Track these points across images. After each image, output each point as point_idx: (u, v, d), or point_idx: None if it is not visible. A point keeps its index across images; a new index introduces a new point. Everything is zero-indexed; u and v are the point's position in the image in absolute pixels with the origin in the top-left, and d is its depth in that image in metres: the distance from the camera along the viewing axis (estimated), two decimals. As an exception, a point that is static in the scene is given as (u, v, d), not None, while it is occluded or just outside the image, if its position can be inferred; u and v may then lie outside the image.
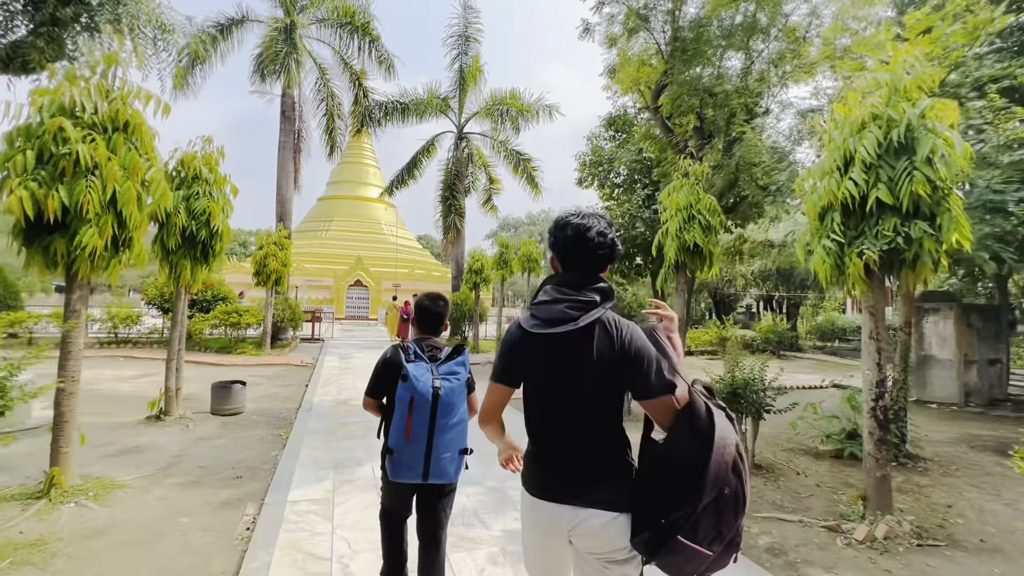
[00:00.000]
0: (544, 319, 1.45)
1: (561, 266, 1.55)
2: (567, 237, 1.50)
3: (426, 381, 2.17)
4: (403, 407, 2.16)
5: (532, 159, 18.35)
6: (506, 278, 12.88)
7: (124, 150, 4.04)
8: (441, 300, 2.52)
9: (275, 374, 10.39)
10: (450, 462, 2.26)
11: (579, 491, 1.45)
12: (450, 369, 2.27)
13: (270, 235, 13.12)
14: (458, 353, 2.35)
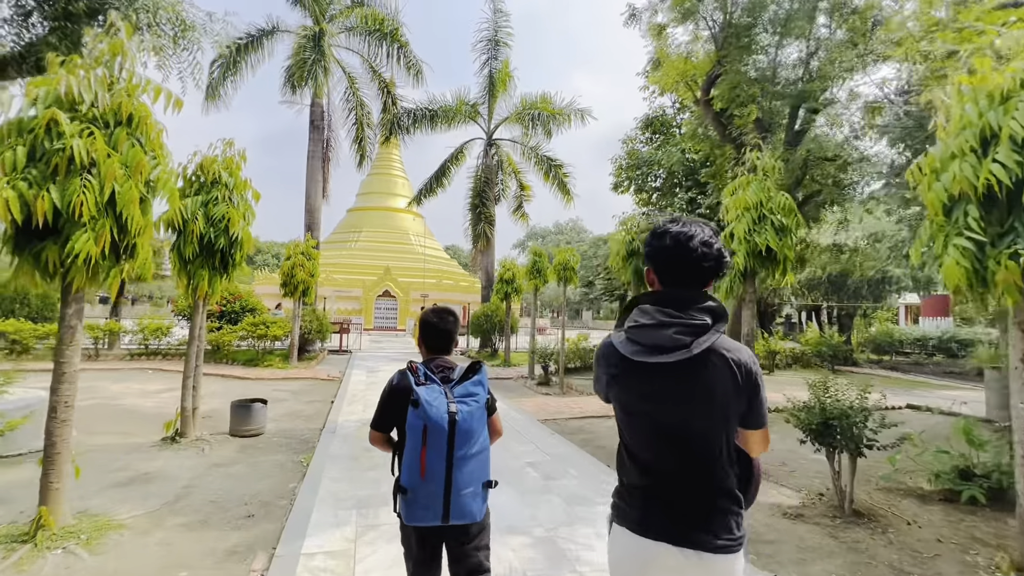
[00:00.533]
0: (647, 345, 1.31)
1: (659, 281, 1.42)
2: (665, 248, 1.38)
3: (440, 406, 1.88)
4: (415, 438, 1.87)
5: (563, 165, 17.74)
6: (539, 288, 12.22)
7: (126, 146, 3.60)
8: (450, 315, 2.21)
9: (300, 389, 9.98)
10: (473, 498, 1.94)
11: (694, 531, 1.33)
12: (466, 390, 1.97)
13: (297, 245, 12.85)
14: (474, 371, 2.05)
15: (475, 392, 1.98)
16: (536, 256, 12.20)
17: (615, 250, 7.63)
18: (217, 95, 14.45)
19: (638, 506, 1.38)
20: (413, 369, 2.01)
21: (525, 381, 11.78)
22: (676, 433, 1.34)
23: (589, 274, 31.80)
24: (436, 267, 38.69)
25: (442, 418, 1.86)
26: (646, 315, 1.34)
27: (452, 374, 2.06)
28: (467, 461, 1.91)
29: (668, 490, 1.35)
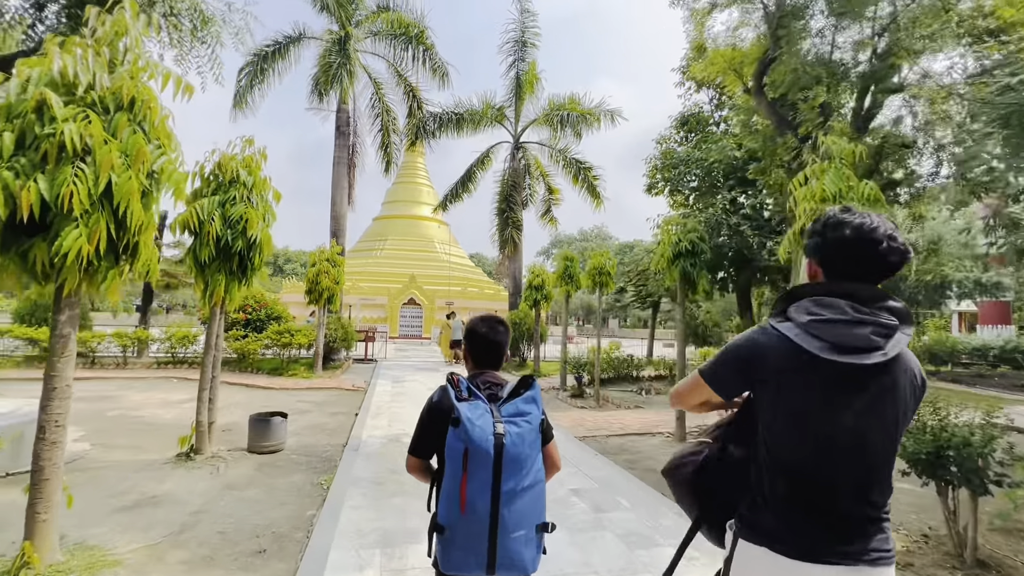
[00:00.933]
0: (837, 343, 1.16)
1: (828, 275, 1.29)
2: (843, 240, 1.25)
3: (484, 426, 1.57)
4: (455, 463, 1.56)
5: (593, 167, 17.15)
6: (571, 294, 11.62)
7: (127, 132, 3.20)
8: (500, 325, 1.91)
9: (324, 400, 9.59)
10: (524, 544, 1.58)
11: (855, 547, 1.20)
12: (516, 409, 1.65)
13: (322, 252, 12.58)
14: (526, 387, 1.74)
15: (527, 411, 1.64)
16: (567, 261, 11.61)
17: (660, 252, 7.00)
18: (245, 103, 14.44)
19: (789, 523, 1.25)
20: (455, 383, 1.69)
21: (557, 393, 11.15)
22: (854, 442, 1.22)
23: (617, 280, 30.92)
24: (461, 275, 38.43)
25: (487, 440, 1.53)
26: (833, 309, 1.20)
27: (500, 391, 1.75)
28: (517, 496, 1.56)
29: (831, 504, 1.23)
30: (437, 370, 14.72)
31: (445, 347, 17.29)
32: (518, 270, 16.87)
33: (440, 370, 14.73)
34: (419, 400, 9.58)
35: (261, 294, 14.16)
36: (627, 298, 17.70)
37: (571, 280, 11.48)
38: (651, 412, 9.06)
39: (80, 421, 7.14)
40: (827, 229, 1.29)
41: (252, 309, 13.63)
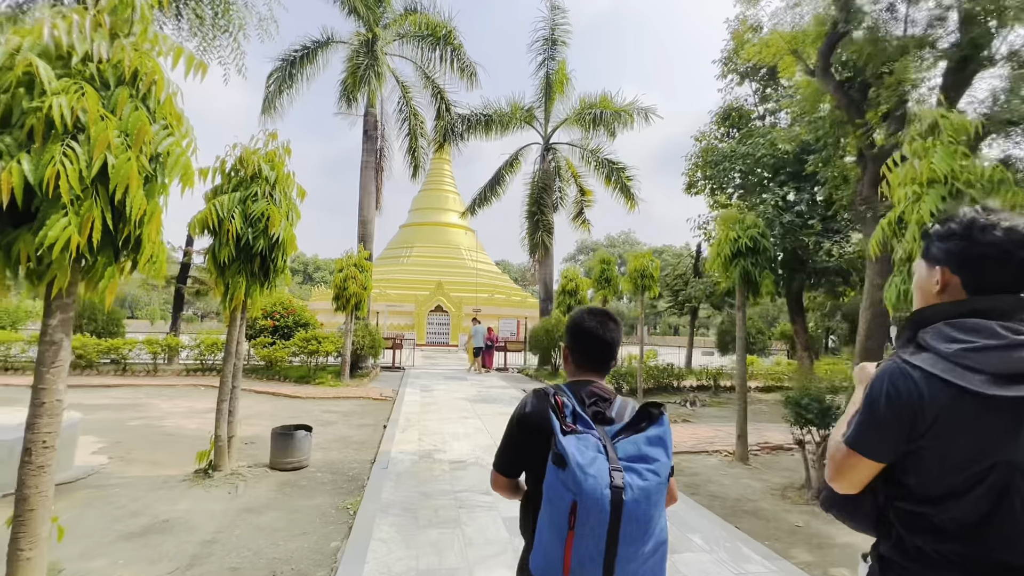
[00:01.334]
0: (1000, 374, 0.98)
1: (970, 286, 1.11)
2: (996, 245, 1.07)
3: (599, 474, 1.15)
4: (558, 516, 1.18)
5: (627, 167, 16.49)
6: (608, 299, 10.96)
7: (128, 109, 2.79)
8: (612, 321, 1.51)
9: (351, 410, 9.18)
10: None
11: None
12: (639, 451, 1.22)
13: (350, 257, 12.28)
14: (650, 419, 1.29)
15: (653, 456, 1.24)
16: (604, 264, 10.98)
17: (716, 251, 6.32)
18: (273, 108, 14.37)
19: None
20: (558, 406, 1.30)
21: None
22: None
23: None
24: (488, 281, 38.08)
25: (602, 495, 1.16)
26: (981, 332, 1.02)
27: (609, 409, 1.39)
28: (636, 563, 1.20)
29: (1005, 555, 1.04)
30: (465, 379, 14.23)
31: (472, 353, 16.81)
32: (549, 275, 16.29)
33: (468, 379, 14.24)
34: (450, 411, 9.13)
35: (289, 300, 13.98)
36: (662, 304, 16.88)
37: (608, 284, 10.85)
38: (702, 426, 8.31)
39: (102, 431, 6.88)
40: (974, 231, 1.11)
41: (280, 316, 13.43)
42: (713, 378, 12.73)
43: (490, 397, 10.90)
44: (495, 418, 8.40)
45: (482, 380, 14.03)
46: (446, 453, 6.06)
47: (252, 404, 9.40)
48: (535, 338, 14.60)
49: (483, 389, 12.14)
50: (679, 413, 9.64)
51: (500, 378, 14.73)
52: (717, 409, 10.52)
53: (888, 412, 1.06)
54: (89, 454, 5.74)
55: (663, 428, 1.28)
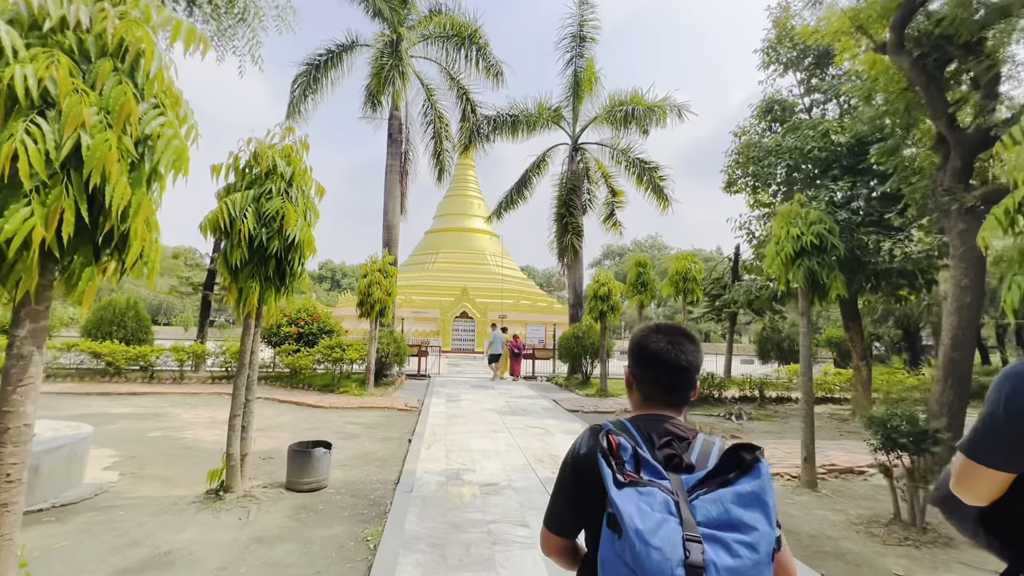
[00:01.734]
0: None
1: None
2: None
3: (667, 546, 0.84)
4: None
5: (659, 167, 15.79)
6: (644, 304, 10.29)
7: (110, 83, 2.38)
8: (687, 340, 1.16)
9: (375, 421, 8.76)
10: None
11: None
12: (726, 512, 0.89)
13: (375, 262, 11.95)
14: (742, 466, 0.95)
15: (749, 523, 0.87)
16: (639, 267, 10.33)
17: (774, 250, 5.64)
18: (298, 112, 14.27)
19: None
20: (613, 450, 0.97)
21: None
22: None
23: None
24: (514, 287, 37.62)
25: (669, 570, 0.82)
26: None
27: (688, 452, 1.02)
28: None
29: None
30: (492, 387, 13.71)
31: (502, 362, 16.27)
32: (578, 280, 15.67)
33: (495, 388, 13.72)
34: (477, 423, 8.61)
35: (314, 307, 13.77)
36: (698, 309, 16.05)
37: (645, 288, 10.19)
38: (754, 445, 7.55)
39: (119, 443, 6.62)
40: None
41: (305, 323, 13.21)
42: (758, 388, 11.88)
43: (519, 408, 10.35)
44: (526, 432, 7.84)
45: (509, 389, 13.49)
46: (476, 474, 5.53)
47: (274, 414, 9.10)
48: (565, 345, 13.99)
49: (511, 399, 11.59)
50: (725, 428, 8.89)
51: (528, 387, 14.16)
52: (766, 423, 9.71)
53: (1006, 419, 0.97)
54: (101, 469, 5.43)
55: (760, 481, 0.92)
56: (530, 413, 9.78)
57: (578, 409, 10.44)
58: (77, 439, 4.82)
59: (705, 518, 0.88)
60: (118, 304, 13.73)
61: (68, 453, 4.63)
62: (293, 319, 13.17)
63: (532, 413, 9.78)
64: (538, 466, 5.87)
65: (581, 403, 11.21)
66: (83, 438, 4.91)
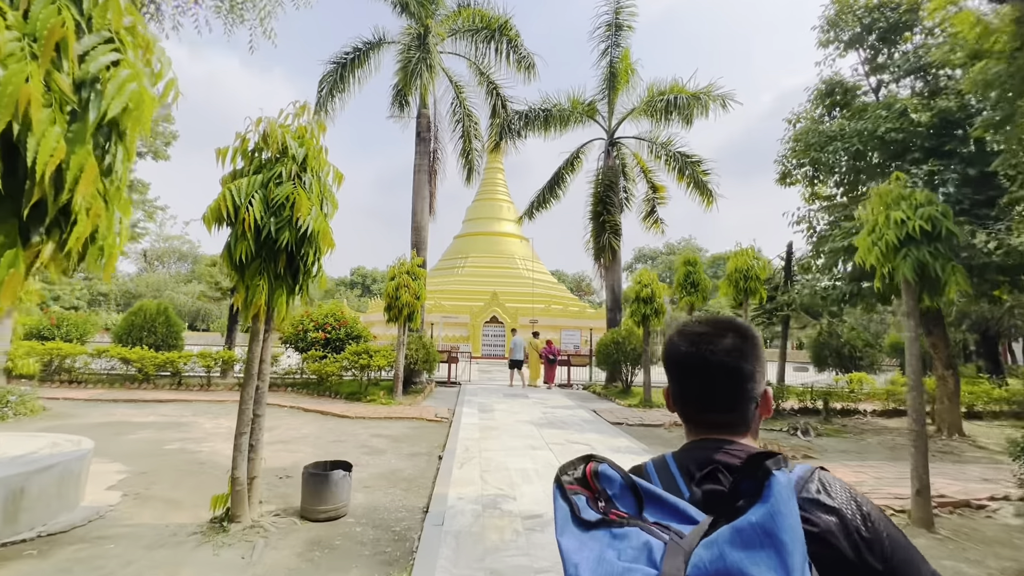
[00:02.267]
0: None
1: None
2: None
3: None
4: None
5: (702, 160, 14.77)
6: (695, 306, 9.35)
7: (40, 3, 1.77)
8: (719, 334, 0.88)
9: (402, 433, 8.12)
10: None
11: None
12: (721, 560, 0.57)
13: (403, 264, 11.40)
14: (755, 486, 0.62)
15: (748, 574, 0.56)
16: (688, 266, 9.41)
17: (871, 239, 4.71)
18: (324, 111, 13.93)
19: None
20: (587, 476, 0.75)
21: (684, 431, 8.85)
22: None
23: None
24: (544, 291, 36.83)
25: None
26: None
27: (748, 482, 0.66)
28: None
29: None
30: (527, 396, 12.93)
31: (533, 370, 15.49)
32: (616, 282, 14.77)
33: (530, 396, 12.94)
34: (513, 437, 7.85)
35: (341, 312, 13.33)
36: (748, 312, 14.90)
37: (696, 289, 9.25)
38: (837, 467, 6.54)
39: (132, 457, 6.17)
40: None
41: (332, 328, 12.77)
42: (823, 399, 10.72)
43: (557, 420, 9.55)
44: (567, 450, 7.05)
45: (545, 398, 12.69)
46: (516, 501, 4.78)
47: (298, 424, 8.59)
48: (603, 352, 13.11)
49: (548, 410, 10.79)
50: (793, 446, 7.86)
51: (564, 396, 13.33)
52: (837, 439, 8.61)
53: None
54: (104, 489, 4.93)
55: (769, 507, 0.59)
56: (569, 426, 8.97)
57: (621, 421, 9.57)
58: (72, 457, 4.32)
59: (694, 569, 0.59)
60: (148, 309, 13.64)
61: (60, 473, 4.11)
62: (320, 324, 12.76)
63: (572, 426, 8.97)
64: (587, 493, 5.07)
65: (624, 414, 10.32)
66: (80, 456, 4.40)
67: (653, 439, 8.19)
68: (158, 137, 36.00)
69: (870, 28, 10.78)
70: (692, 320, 0.94)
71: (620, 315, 14.66)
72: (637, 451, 7.08)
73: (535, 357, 15.57)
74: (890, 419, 10.92)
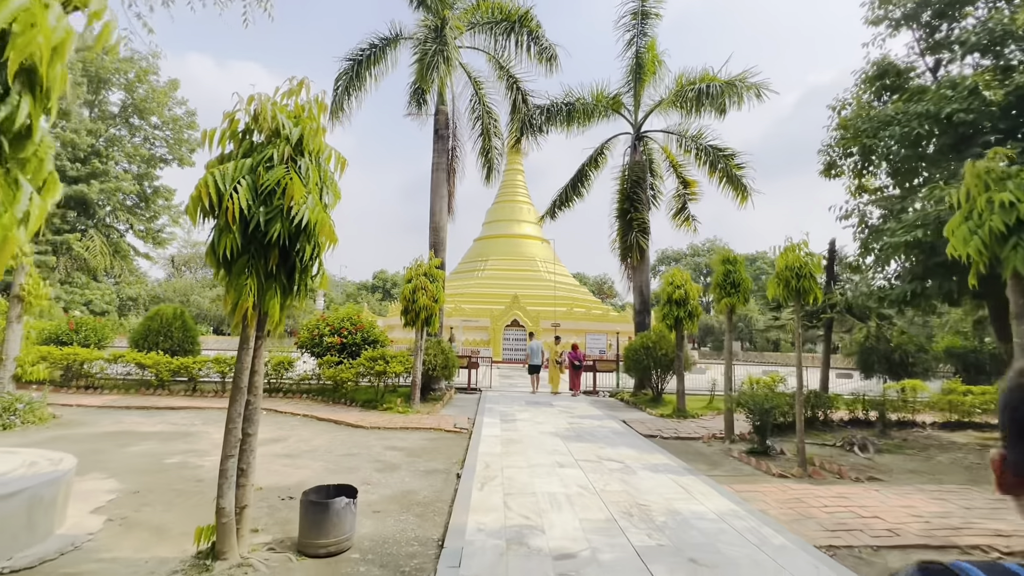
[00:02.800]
0: None
1: None
2: None
3: None
4: None
5: (735, 154, 13.91)
6: (735, 308, 8.59)
7: None
8: None
9: (419, 446, 7.55)
10: None
11: None
12: None
13: (420, 266, 10.88)
14: None
15: None
16: (728, 265, 8.64)
17: (968, 226, 3.94)
18: (341, 110, 13.57)
19: None
20: None
21: (725, 446, 8.08)
22: None
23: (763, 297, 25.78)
24: (566, 294, 36.06)
25: None
26: None
27: None
28: None
29: None
30: (551, 404, 12.26)
31: (553, 378, 14.71)
32: (645, 283, 13.99)
33: (554, 404, 12.26)
34: (538, 451, 7.17)
35: (357, 315, 12.89)
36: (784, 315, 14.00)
37: (737, 290, 8.47)
38: (912, 492, 5.69)
39: (128, 473, 5.74)
40: None
41: (348, 332, 12.33)
42: (877, 409, 9.77)
43: (585, 432, 8.86)
44: (600, 468, 6.36)
45: (570, 406, 12.00)
46: (544, 535, 4.13)
47: (310, 436, 8.10)
48: (632, 357, 12.34)
49: (574, 420, 10.11)
50: (852, 464, 7.02)
51: (591, 404, 12.61)
52: (901, 457, 7.71)
53: None
54: (88, 512, 4.47)
55: None
56: (599, 438, 8.27)
57: (655, 434, 8.83)
58: (44, 481, 3.84)
59: None
60: (165, 314, 13.44)
61: (28, 500, 3.64)
62: (336, 328, 12.33)
63: (601, 438, 8.27)
64: (627, 524, 4.40)
65: (657, 426, 9.57)
66: (53, 479, 3.93)
67: (692, 455, 7.44)
68: (183, 144, 36.59)
69: (925, 3, 9.84)
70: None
71: (649, 318, 13.87)
72: (677, 470, 6.35)
73: (555, 363, 14.80)
74: (954, 432, 9.90)
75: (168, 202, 38.18)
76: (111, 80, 32.56)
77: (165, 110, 35.32)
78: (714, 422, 10.08)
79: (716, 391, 12.33)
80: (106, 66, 31.46)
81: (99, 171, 31.27)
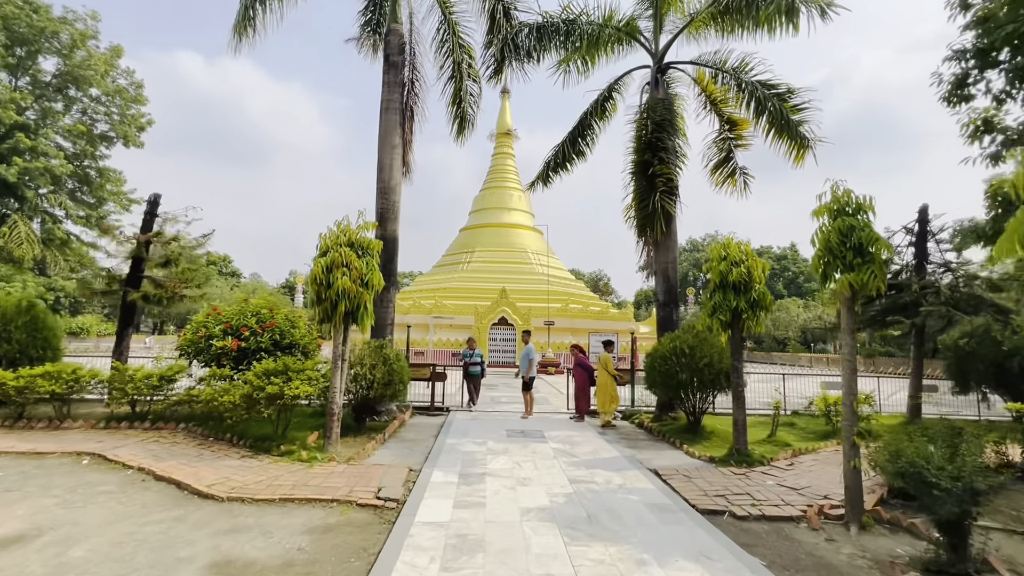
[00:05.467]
0: None
1: None
2: None
3: None
4: None
5: (793, 91, 10.25)
6: (864, 290, 4.91)
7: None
8: None
9: (289, 551, 3.79)
10: None
11: None
12: None
13: (343, 231, 7.09)
14: None
15: None
16: (851, 219, 4.97)
17: None
18: (245, 30, 9.77)
19: None
20: None
21: (854, 538, 4.39)
22: None
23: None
24: (561, 289, 32.40)
25: None
26: None
27: None
28: None
29: None
30: (544, 440, 8.52)
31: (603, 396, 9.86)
32: (671, 264, 10.28)
33: (548, 440, 8.54)
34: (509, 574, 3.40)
35: (270, 309, 9.05)
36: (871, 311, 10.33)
37: (864, 260, 4.76)
38: None
39: None
40: None
41: (251, 334, 8.48)
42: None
43: (599, 507, 5.16)
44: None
45: (571, 443, 8.30)
46: None
47: (93, 523, 4.23)
48: (658, 368, 8.59)
49: (578, 473, 6.41)
50: None
51: (599, 435, 8.91)
52: None
53: None
54: None
55: None
56: (625, 525, 4.57)
57: (720, 508, 5.13)
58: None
59: None
60: (5, 308, 9.52)
61: None
62: (234, 326, 8.48)
63: (628, 525, 4.57)
64: None
65: (713, 482, 5.90)
66: None
67: (810, 571, 3.76)
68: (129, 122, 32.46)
69: None
70: None
71: (676, 312, 10.19)
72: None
73: (604, 377, 9.99)
74: None
75: (117, 188, 34.04)
76: (39, 42, 28.37)
77: (108, 80, 31.20)
78: (798, 473, 6.42)
79: (765, 409, 8.62)
80: (34, 23, 27.33)
81: (23, 148, 27.12)
